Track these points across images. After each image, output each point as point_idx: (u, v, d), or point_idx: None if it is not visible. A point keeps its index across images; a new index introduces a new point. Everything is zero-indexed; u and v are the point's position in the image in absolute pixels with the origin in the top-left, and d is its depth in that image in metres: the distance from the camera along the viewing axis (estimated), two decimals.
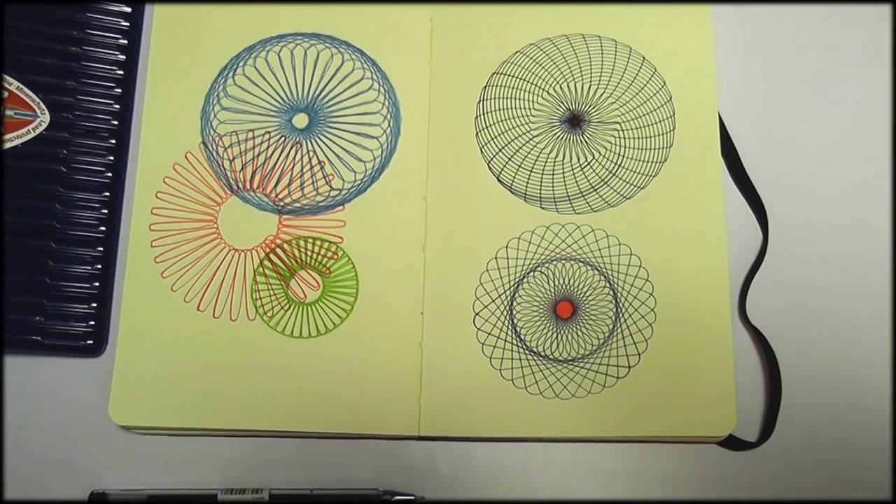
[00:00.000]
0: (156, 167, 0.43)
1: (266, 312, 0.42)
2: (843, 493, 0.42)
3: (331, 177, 0.44)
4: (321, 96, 0.45)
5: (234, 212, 0.43)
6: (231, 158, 0.44)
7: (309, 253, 0.43)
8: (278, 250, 0.43)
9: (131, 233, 0.43)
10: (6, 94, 0.43)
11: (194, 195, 0.43)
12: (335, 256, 0.43)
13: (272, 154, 0.44)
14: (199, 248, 0.43)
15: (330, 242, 0.43)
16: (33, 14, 0.44)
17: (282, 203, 0.43)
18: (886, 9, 0.48)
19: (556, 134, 0.45)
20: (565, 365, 0.42)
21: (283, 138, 0.44)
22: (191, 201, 0.43)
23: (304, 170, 0.44)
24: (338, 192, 0.44)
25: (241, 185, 0.43)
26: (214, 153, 0.44)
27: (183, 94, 0.44)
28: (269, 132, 0.44)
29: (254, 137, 0.44)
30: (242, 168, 0.44)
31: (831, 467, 0.42)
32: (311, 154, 0.44)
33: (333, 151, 0.44)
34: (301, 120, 0.44)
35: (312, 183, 0.44)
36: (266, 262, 0.43)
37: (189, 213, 0.43)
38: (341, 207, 0.43)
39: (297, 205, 0.43)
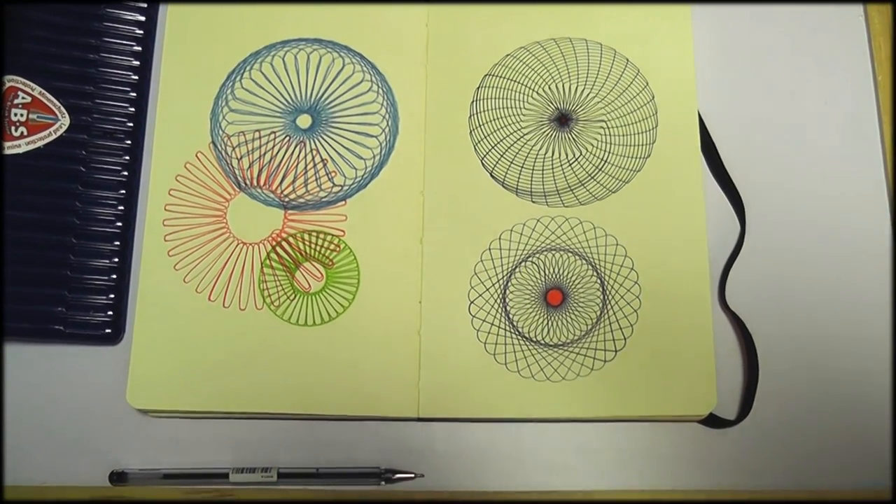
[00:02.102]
0: (168, 166, 0.44)
1: (273, 302, 0.43)
2: (813, 465, 0.43)
3: (333, 174, 0.44)
4: (323, 98, 0.45)
5: (242, 207, 0.44)
6: (239, 157, 0.44)
7: (313, 246, 0.44)
8: (284, 243, 0.44)
9: (146, 228, 0.43)
10: (29, 98, 0.44)
11: (205, 192, 0.44)
12: (337, 249, 0.44)
13: (278, 153, 0.45)
14: (209, 241, 0.43)
15: (332, 236, 0.44)
16: (55, 24, 0.45)
17: (287, 199, 0.44)
18: (858, 9, 0.49)
19: (545, 132, 0.45)
20: (555, 349, 0.43)
21: (287, 138, 0.45)
22: (201, 198, 0.44)
23: (308, 167, 0.44)
24: (339, 188, 0.44)
25: (248, 183, 0.44)
26: (223, 152, 0.44)
27: (193, 97, 0.45)
28: (274, 132, 0.45)
29: (260, 137, 0.45)
30: (250, 166, 0.44)
31: (803, 442, 0.43)
32: (315, 152, 0.45)
33: (335, 150, 0.45)
34: (304, 120, 0.45)
35: (316, 180, 0.44)
36: (272, 255, 0.43)
37: (200, 209, 0.44)
38: (343, 203, 0.44)
39: (302, 200, 0.44)
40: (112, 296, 0.44)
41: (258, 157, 0.45)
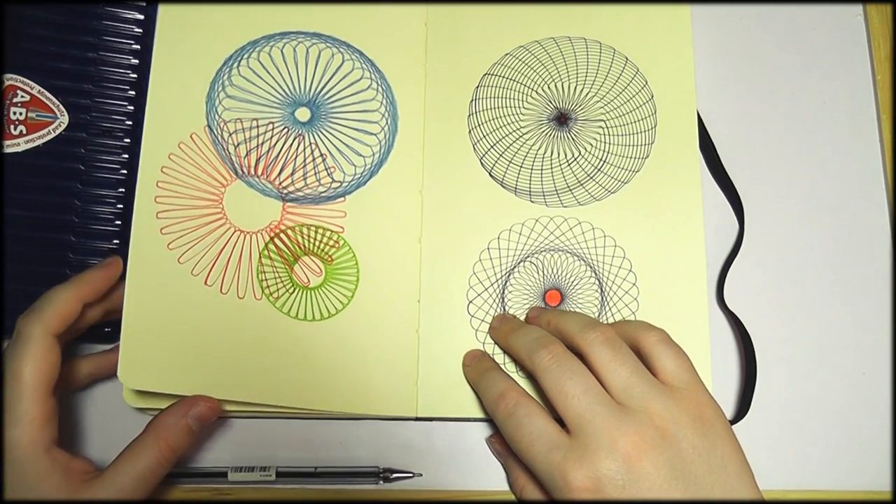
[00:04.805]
0: (161, 144, 0.42)
1: (272, 294, 0.42)
2: (813, 466, 0.43)
3: (332, 169, 0.44)
4: (322, 92, 0.45)
5: (239, 195, 0.43)
6: (236, 144, 0.43)
7: (312, 240, 0.43)
8: (282, 235, 0.43)
9: (136, 202, 0.41)
10: (28, 97, 0.44)
11: (199, 174, 0.43)
12: (337, 245, 0.43)
13: (276, 143, 0.44)
14: (205, 225, 0.42)
15: (332, 231, 0.43)
16: (54, 23, 0.45)
17: (285, 191, 0.43)
18: (858, 8, 0.49)
19: (544, 131, 0.46)
20: None
21: (286, 129, 0.44)
22: (195, 179, 0.42)
23: (307, 161, 0.44)
24: (339, 183, 0.44)
25: (245, 171, 0.43)
26: (219, 137, 0.43)
27: (188, 78, 0.43)
28: (272, 122, 0.44)
29: (258, 126, 0.44)
30: (247, 154, 0.43)
31: (802, 442, 0.43)
32: (314, 146, 0.44)
33: (335, 146, 0.44)
34: (303, 114, 0.44)
35: (315, 174, 0.44)
36: (270, 246, 0.43)
37: (194, 190, 0.42)
38: (342, 199, 0.44)
39: (300, 194, 0.44)
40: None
41: (256, 145, 0.44)
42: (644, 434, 0.33)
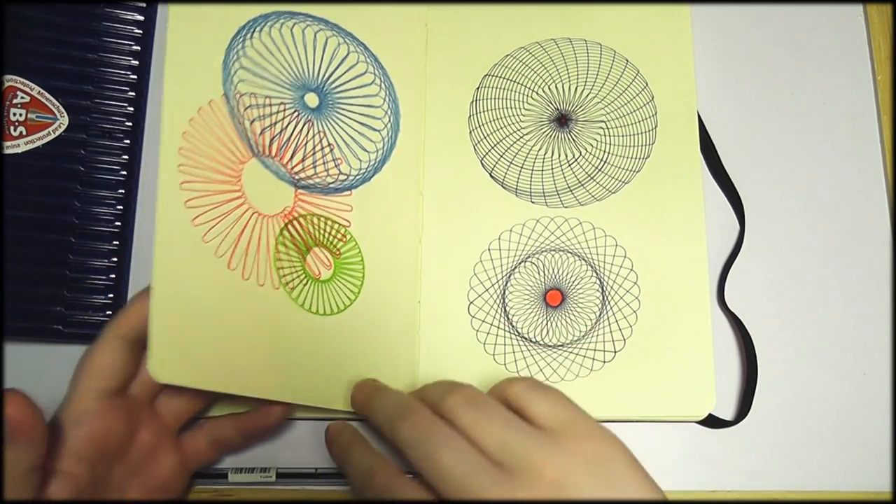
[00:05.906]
0: (182, 107, 0.39)
1: (287, 283, 0.41)
2: (813, 466, 0.43)
3: (339, 161, 0.43)
4: (329, 80, 0.44)
5: (256, 175, 0.41)
6: (251, 120, 0.41)
7: (322, 231, 0.42)
8: (295, 223, 0.42)
9: (160, 168, 0.37)
10: (28, 98, 0.44)
11: (218, 145, 0.40)
12: (344, 239, 0.43)
13: (287, 126, 0.43)
14: (226, 202, 0.40)
15: (339, 224, 0.43)
16: (54, 24, 0.45)
17: (297, 176, 0.42)
18: (858, 9, 0.49)
19: (545, 132, 0.46)
20: (555, 350, 0.43)
21: (296, 113, 0.43)
22: (215, 150, 0.40)
23: (316, 149, 0.43)
24: (346, 176, 0.43)
25: (260, 149, 0.42)
26: (236, 109, 0.41)
27: (204, 42, 0.40)
28: (284, 103, 0.42)
29: (271, 104, 0.42)
30: (262, 133, 0.42)
31: (803, 442, 0.43)
32: (322, 135, 0.43)
33: (341, 137, 0.44)
34: (312, 99, 0.43)
35: (323, 163, 0.43)
36: (285, 233, 0.41)
37: (214, 161, 0.40)
38: (348, 192, 0.43)
39: (311, 182, 0.43)
40: (111, 295, 0.44)
41: (269, 125, 0.42)
42: (536, 495, 0.30)
